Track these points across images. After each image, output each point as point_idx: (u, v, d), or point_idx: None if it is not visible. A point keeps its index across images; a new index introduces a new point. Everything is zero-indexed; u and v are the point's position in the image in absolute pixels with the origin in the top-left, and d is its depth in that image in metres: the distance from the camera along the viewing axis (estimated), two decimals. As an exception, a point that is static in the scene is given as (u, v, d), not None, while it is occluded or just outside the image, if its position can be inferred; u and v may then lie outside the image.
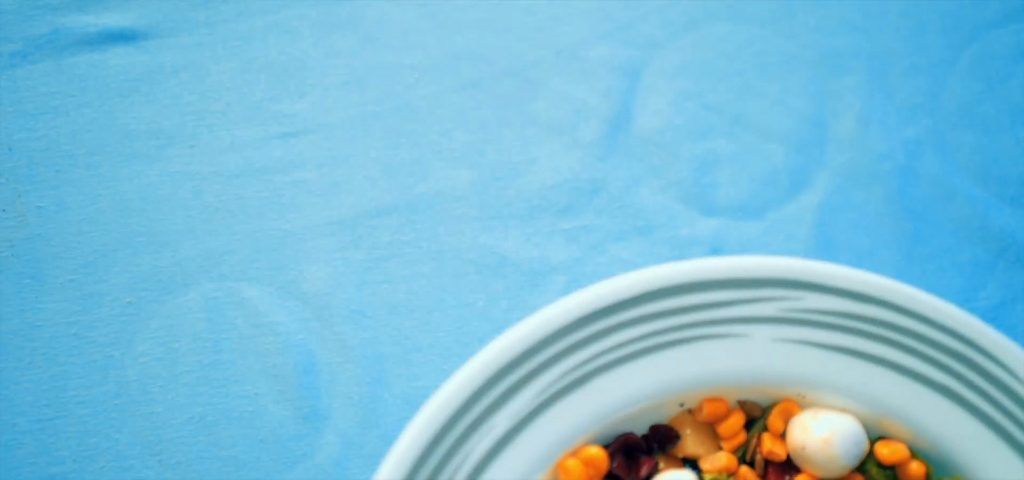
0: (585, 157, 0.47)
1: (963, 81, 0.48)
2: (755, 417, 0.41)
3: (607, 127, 0.48)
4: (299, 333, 0.45)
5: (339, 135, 0.47)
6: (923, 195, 0.47)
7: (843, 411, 0.40)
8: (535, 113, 0.48)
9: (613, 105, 0.48)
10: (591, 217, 0.47)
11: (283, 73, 0.47)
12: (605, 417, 0.40)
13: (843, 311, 0.40)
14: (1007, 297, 0.47)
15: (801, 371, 0.40)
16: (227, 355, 0.45)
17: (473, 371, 0.38)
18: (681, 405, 0.41)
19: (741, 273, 0.40)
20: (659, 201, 0.47)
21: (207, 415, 0.45)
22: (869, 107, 0.48)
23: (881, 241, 0.47)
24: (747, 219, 0.47)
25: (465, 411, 0.38)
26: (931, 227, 0.47)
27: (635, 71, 0.48)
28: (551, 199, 0.47)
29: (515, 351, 0.39)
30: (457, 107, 0.48)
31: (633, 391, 0.40)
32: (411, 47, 0.48)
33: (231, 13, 0.48)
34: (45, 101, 0.47)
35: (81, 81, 0.47)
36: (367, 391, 0.45)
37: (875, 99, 0.48)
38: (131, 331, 0.45)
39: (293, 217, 0.46)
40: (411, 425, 0.38)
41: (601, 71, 0.48)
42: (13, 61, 0.47)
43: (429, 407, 0.38)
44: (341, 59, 0.48)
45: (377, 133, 0.47)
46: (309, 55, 0.48)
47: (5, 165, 0.46)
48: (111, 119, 0.47)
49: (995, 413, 0.40)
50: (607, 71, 0.48)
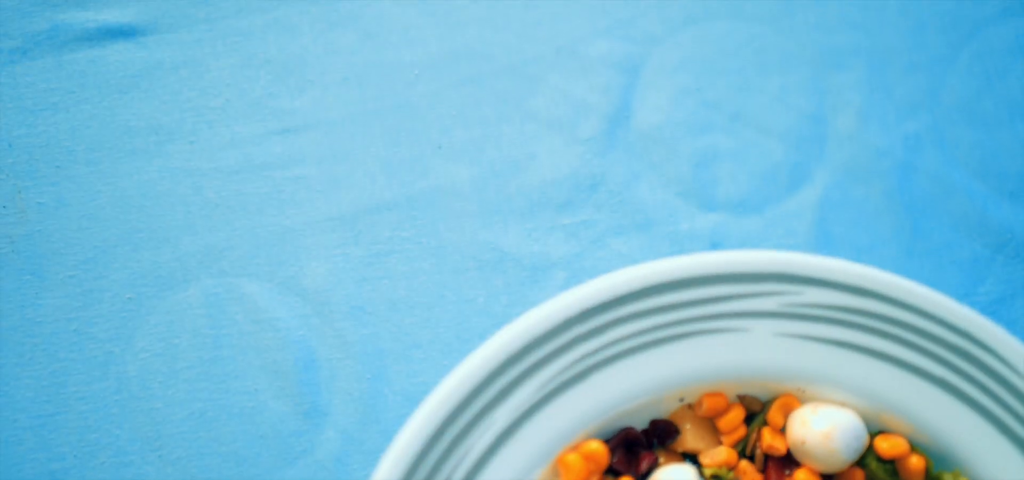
0: (585, 153, 0.47)
1: (962, 77, 0.48)
2: (755, 412, 0.41)
3: (607, 123, 0.48)
4: (299, 329, 0.45)
5: (339, 131, 0.47)
6: (922, 191, 0.47)
7: (843, 405, 0.40)
8: (535, 109, 0.48)
9: (613, 101, 0.48)
10: (591, 213, 0.47)
11: (283, 69, 0.47)
12: (605, 412, 0.40)
13: (843, 306, 0.40)
14: (1006, 292, 0.47)
15: (801, 366, 0.40)
16: (227, 351, 0.45)
17: (473, 367, 0.38)
18: (681, 400, 0.41)
19: (741, 268, 0.40)
20: (659, 197, 0.47)
21: (207, 411, 0.45)
22: (868, 103, 0.48)
23: (880, 237, 0.47)
24: (747, 215, 0.47)
25: (465, 407, 0.38)
26: (930, 222, 0.47)
27: (635, 67, 0.48)
28: (551, 195, 0.47)
29: (515, 346, 0.39)
30: (457, 103, 0.48)
31: (633, 386, 0.40)
32: (411, 44, 0.48)
33: (231, 9, 0.48)
34: (45, 97, 0.47)
35: (81, 77, 0.47)
36: (367, 387, 0.45)
37: (874, 95, 0.48)
38: (131, 327, 0.45)
39: (293, 213, 0.46)
40: (411, 421, 0.38)
41: (600, 67, 0.48)
42: (13, 57, 0.47)
43: (429, 403, 0.38)
44: (341, 56, 0.48)
45: (377, 129, 0.47)
46: (309, 51, 0.48)
47: (5, 161, 0.46)
48: (111, 115, 0.47)
49: (995, 407, 0.40)
50: (606, 67, 0.48)
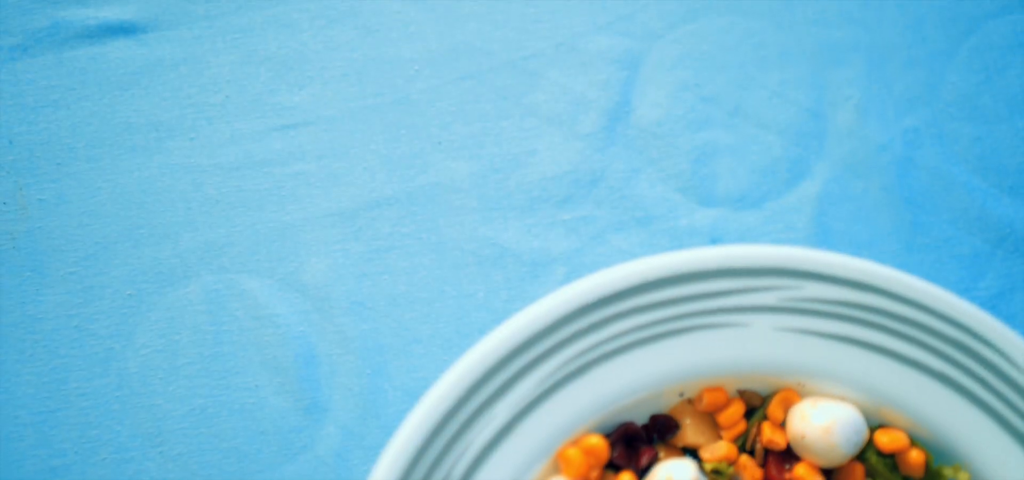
0: (584, 148, 0.47)
1: (961, 72, 0.48)
2: (755, 406, 0.41)
3: (606, 119, 0.48)
4: (299, 325, 0.45)
5: (339, 127, 0.47)
6: (922, 186, 0.47)
7: (843, 400, 0.40)
8: (534, 105, 0.48)
9: (612, 97, 0.48)
10: (590, 208, 0.47)
11: (282, 66, 0.47)
12: (605, 407, 0.40)
13: (843, 300, 0.40)
14: (1006, 287, 0.47)
15: (801, 360, 0.40)
16: (227, 347, 0.45)
17: (473, 362, 0.38)
18: (681, 394, 0.41)
19: (740, 263, 0.40)
20: (658, 192, 0.47)
21: (208, 407, 0.45)
22: (868, 98, 0.48)
23: (880, 232, 0.47)
24: (746, 210, 0.47)
25: (465, 402, 0.38)
26: (930, 217, 0.47)
27: (634, 63, 0.48)
28: (550, 190, 0.47)
29: (515, 341, 0.39)
30: (456, 99, 0.48)
31: (633, 381, 0.40)
32: (410, 39, 0.48)
33: (230, 6, 0.48)
34: (45, 94, 0.47)
35: (81, 74, 0.47)
36: (367, 382, 0.45)
37: (874, 90, 0.48)
38: (132, 323, 0.45)
39: (293, 209, 0.46)
40: (411, 416, 0.38)
41: (600, 63, 0.48)
42: (13, 54, 0.47)
43: (429, 398, 0.38)
44: (340, 51, 0.48)
45: (377, 125, 0.47)
46: (308, 47, 0.48)
47: (6, 158, 0.46)
48: (111, 112, 0.47)
49: (994, 401, 0.40)
50: (606, 63, 0.48)
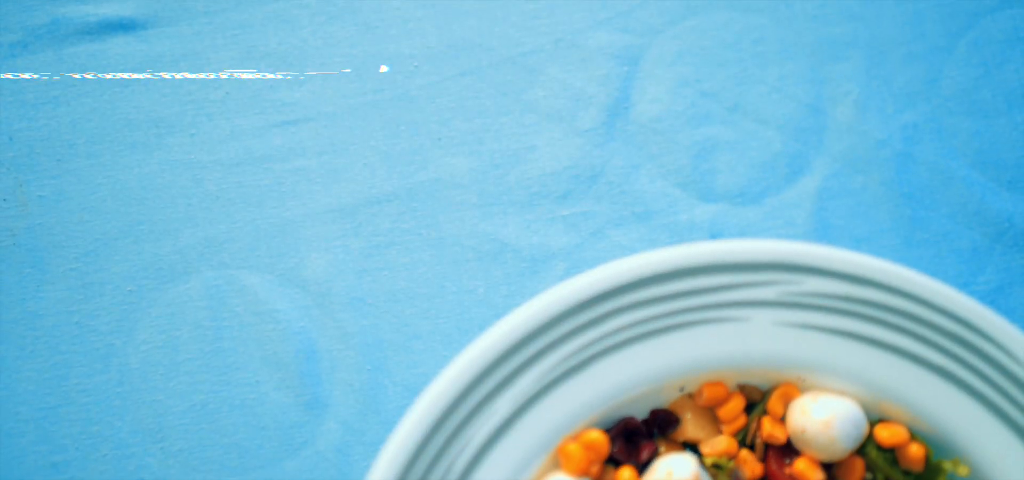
0: (584, 144, 0.47)
1: (960, 67, 0.49)
2: (755, 401, 0.41)
3: (606, 114, 0.48)
4: (300, 321, 0.45)
5: (338, 123, 0.47)
6: (921, 180, 0.47)
7: (842, 394, 0.40)
8: (534, 101, 0.48)
9: (612, 92, 0.48)
10: (590, 204, 0.47)
11: (282, 62, 0.48)
12: (605, 402, 0.40)
13: (843, 294, 0.40)
14: (1005, 281, 0.47)
15: (801, 354, 0.40)
16: (228, 343, 0.45)
17: (473, 357, 0.38)
18: (681, 389, 0.41)
19: (740, 257, 0.40)
20: (658, 187, 0.47)
21: (208, 403, 0.45)
22: (867, 93, 0.48)
23: (879, 226, 0.47)
24: (746, 205, 0.47)
25: (465, 397, 0.38)
26: (929, 212, 0.47)
27: (634, 58, 0.48)
28: (550, 186, 0.47)
29: (515, 337, 0.39)
30: (456, 95, 0.48)
31: (633, 376, 0.40)
32: (410, 36, 0.48)
33: (230, 3, 0.48)
34: (45, 91, 0.47)
35: (81, 71, 0.47)
36: (368, 378, 0.45)
37: (873, 85, 0.48)
38: (132, 319, 0.45)
39: (293, 205, 0.46)
40: (412, 411, 0.38)
41: (600, 58, 0.48)
42: (13, 51, 0.47)
43: (429, 393, 0.38)
44: (340, 48, 0.48)
45: (376, 121, 0.47)
46: (308, 44, 0.48)
47: (6, 155, 0.46)
48: (111, 108, 0.47)
49: (994, 395, 0.40)
50: (606, 58, 0.48)
